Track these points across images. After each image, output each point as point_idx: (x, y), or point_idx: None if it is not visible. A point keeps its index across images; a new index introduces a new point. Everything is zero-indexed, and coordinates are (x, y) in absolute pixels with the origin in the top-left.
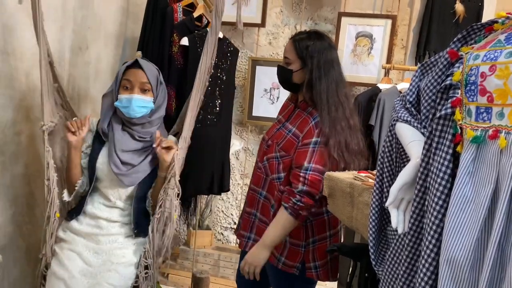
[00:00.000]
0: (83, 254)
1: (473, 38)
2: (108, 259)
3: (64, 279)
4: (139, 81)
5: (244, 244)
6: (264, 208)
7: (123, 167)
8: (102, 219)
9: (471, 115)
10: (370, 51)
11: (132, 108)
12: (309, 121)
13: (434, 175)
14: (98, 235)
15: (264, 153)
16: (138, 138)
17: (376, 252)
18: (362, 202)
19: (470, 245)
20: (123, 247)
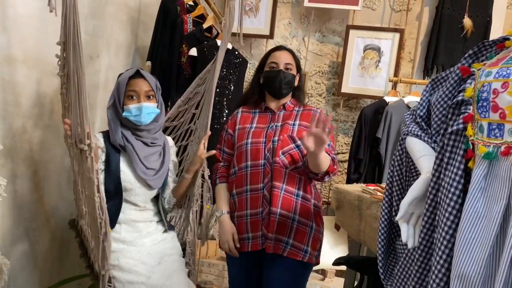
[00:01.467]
0: (141, 259)
1: (484, 54)
2: (163, 255)
3: (144, 282)
4: (144, 89)
5: (282, 248)
6: (287, 203)
7: (149, 172)
8: (138, 222)
9: (483, 131)
10: (378, 64)
11: (143, 115)
12: (312, 112)
13: (445, 190)
14: (142, 238)
15: (279, 147)
16: (150, 144)
17: (385, 265)
18: (371, 215)
19: (482, 261)
20: (166, 242)
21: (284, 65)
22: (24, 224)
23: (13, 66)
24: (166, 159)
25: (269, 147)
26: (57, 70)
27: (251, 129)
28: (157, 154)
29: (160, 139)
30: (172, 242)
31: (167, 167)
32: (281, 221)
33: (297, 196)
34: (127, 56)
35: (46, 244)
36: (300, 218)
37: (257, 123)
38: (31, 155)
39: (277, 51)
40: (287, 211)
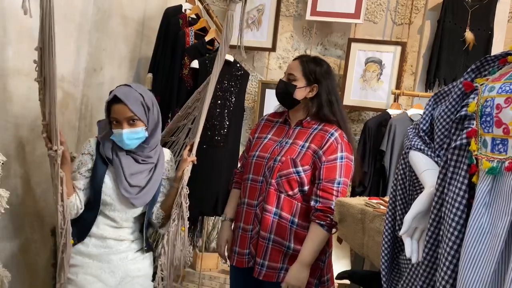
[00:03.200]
0: (100, 276)
1: (487, 69)
2: (126, 275)
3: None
4: (123, 116)
5: (257, 271)
6: (280, 229)
7: (132, 190)
8: (110, 238)
9: (487, 146)
10: (380, 77)
11: (124, 142)
12: (326, 136)
13: (449, 205)
14: (109, 254)
15: (277, 169)
16: (141, 161)
17: (388, 280)
18: (374, 229)
19: (487, 277)
20: (136, 262)
21: (287, 75)
22: (25, 236)
23: (17, 78)
24: (156, 175)
25: (270, 165)
26: (60, 82)
27: (264, 140)
28: (146, 171)
29: (155, 155)
30: (142, 263)
31: (155, 184)
32: (275, 247)
33: (292, 223)
34: (130, 68)
35: (48, 256)
36: (296, 246)
37: (272, 135)
38: (34, 167)
39: (292, 62)
40: (281, 238)
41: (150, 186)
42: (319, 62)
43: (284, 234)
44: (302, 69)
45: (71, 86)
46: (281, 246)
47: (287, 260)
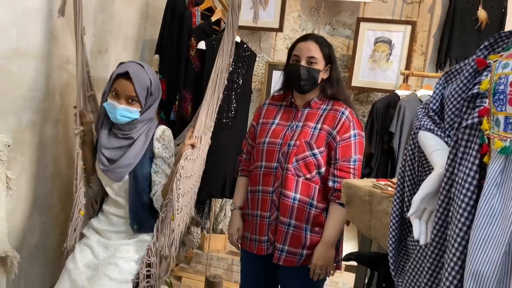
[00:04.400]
0: (94, 248)
1: (501, 46)
2: (113, 254)
3: (69, 270)
4: (126, 93)
5: (277, 257)
6: (299, 213)
7: (108, 164)
8: (112, 215)
9: (499, 125)
10: (389, 57)
11: (115, 116)
12: (338, 115)
13: (459, 186)
14: (110, 232)
15: (293, 154)
16: (120, 136)
17: (395, 262)
18: (381, 211)
19: (497, 259)
20: (130, 243)
21: (306, 59)
22: (34, 218)
23: (23, 60)
24: (133, 150)
25: (284, 151)
26: (65, 64)
27: (272, 125)
28: (125, 147)
29: (136, 132)
30: (135, 245)
31: (133, 160)
32: (295, 232)
33: (310, 206)
34: (135, 50)
35: (57, 238)
36: (314, 229)
37: (279, 119)
38: (41, 149)
39: (301, 42)
40: (300, 221)
41: (125, 161)
42: (326, 41)
43: (303, 218)
44: (321, 51)
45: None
46: (300, 230)
47: (307, 244)
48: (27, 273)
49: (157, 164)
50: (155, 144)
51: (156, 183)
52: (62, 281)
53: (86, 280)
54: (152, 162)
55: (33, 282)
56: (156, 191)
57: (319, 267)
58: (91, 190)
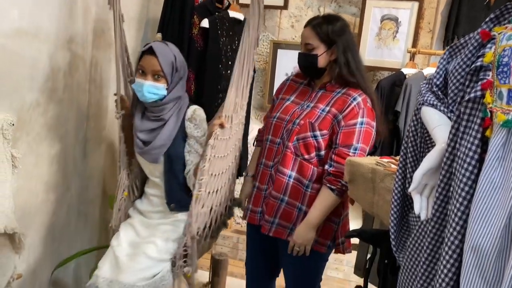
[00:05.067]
0: (136, 227)
1: (507, 18)
2: (153, 233)
3: (113, 247)
4: (151, 68)
5: (268, 228)
6: (294, 191)
7: (141, 145)
8: (152, 196)
9: (502, 98)
10: (395, 35)
11: (143, 93)
12: (349, 100)
13: (461, 160)
14: (151, 212)
15: (295, 132)
16: (152, 118)
17: (397, 238)
18: (384, 188)
19: (497, 232)
20: (168, 223)
21: (304, 46)
22: (41, 196)
23: (25, 40)
24: (165, 132)
25: (288, 128)
26: (69, 43)
27: (287, 101)
28: (158, 129)
29: (167, 113)
30: (173, 224)
31: (166, 140)
32: (287, 208)
33: (306, 187)
34: (138, 29)
35: (63, 216)
36: (307, 209)
37: (295, 97)
38: (46, 129)
39: (304, 29)
40: (295, 200)
41: (159, 142)
42: (330, 21)
43: (298, 197)
44: (316, 35)
45: (80, 47)
46: (293, 208)
47: (299, 220)
48: (36, 251)
49: (190, 144)
50: (187, 124)
51: (189, 162)
52: (106, 256)
53: (126, 257)
54: (185, 142)
55: (41, 259)
56: (189, 171)
57: (298, 245)
58: (133, 172)
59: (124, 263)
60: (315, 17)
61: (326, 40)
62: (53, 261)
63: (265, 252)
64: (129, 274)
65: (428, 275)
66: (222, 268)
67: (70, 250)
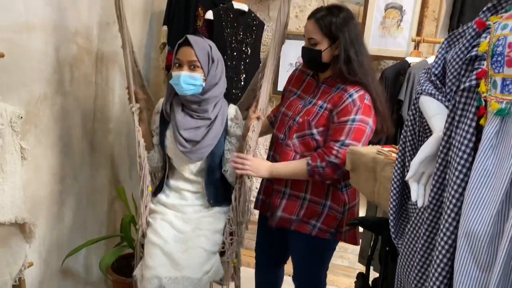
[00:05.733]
0: (174, 223)
1: (504, 7)
2: (197, 227)
3: (160, 245)
4: (187, 58)
5: (274, 220)
6: (296, 183)
7: (187, 145)
8: (185, 190)
9: (497, 87)
10: (400, 24)
11: (180, 85)
12: (344, 97)
13: (456, 149)
14: (184, 206)
15: (294, 130)
16: (196, 117)
17: (396, 225)
18: (385, 177)
19: (490, 218)
20: (209, 216)
21: (308, 40)
22: (49, 187)
23: (32, 33)
24: (213, 131)
25: (290, 125)
26: (74, 37)
27: (293, 96)
28: (203, 127)
29: (213, 111)
30: (214, 217)
31: (213, 140)
32: (290, 199)
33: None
34: (143, 21)
35: (73, 206)
36: (312, 197)
37: (301, 91)
38: (53, 121)
39: (307, 21)
40: (299, 191)
41: (207, 141)
42: (334, 12)
43: (301, 187)
44: (320, 29)
45: (86, 40)
46: (297, 199)
47: (303, 211)
48: (46, 240)
49: (232, 142)
50: (230, 124)
51: (229, 160)
52: (154, 255)
53: (181, 253)
54: (226, 140)
55: (52, 249)
56: (229, 168)
57: (247, 166)
58: (148, 167)
59: (183, 259)
60: (319, 9)
61: (329, 34)
62: (63, 250)
63: (274, 241)
64: (193, 268)
65: (425, 260)
66: None
67: (79, 239)
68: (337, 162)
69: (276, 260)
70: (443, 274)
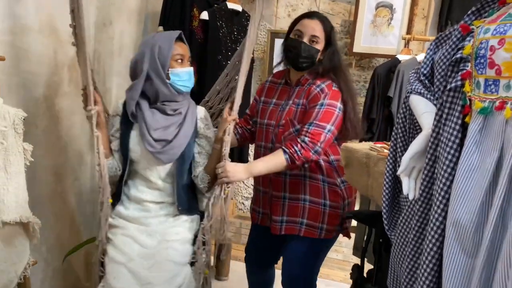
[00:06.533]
0: (137, 238)
1: (487, 10)
2: (163, 239)
3: (124, 263)
4: (187, 55)
5: (278, 228)
6: (294, 186)
7: (157, 145)
8: (148, 202)
9: (480, 87)
10: (390, 22)
11: (191, 81)
12: (313, 89)
13: (444, 145)
14: (148, 218)
15: (280, 133)
16: (170, 112)
17: (389, 218)
18: (378, 172)
19: (475, 209)
20: (175, 226)
21: (309, 37)
22: (50, 187)
23: (31, 36)
24: (184, 130)
25: (275, 132)
26: (71, 38)
27: (270, 106)
28: (175, 125)
29: (184, 107)
30: (182, 226)
31: (184, 139)
32: (291, 204)
33: (304, 177)
34: (139, 22)
35: (73, 205)
36: (312, 198)
37: (276, 99)
38: (53, 122)
39: (306, 19)
40: (297, 193)
41: (178, 141)
42: (330, 22)
43: (299, 190)
44: (324, 31)
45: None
46: (298, 201)
47: (306, 213)
48: (47, 239)
49: (201, 144)
50: (199, 124)
51: (201, 164)
52: (120, 275)
53: (148, 270)
54: (195, 142)
55: (53, 247)
56: (199, 172)
57: (226, 174)
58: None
59: (152, 276)
60: (318, 12)
61: (327, 37)
62: (64, 249)
63: (268, 244)
64: (163, 284)
65: (416, 250)
66: (226, 252)
67: (80, 238)
68: (308, 140)
69: (268, 261)
70: (433, 262)
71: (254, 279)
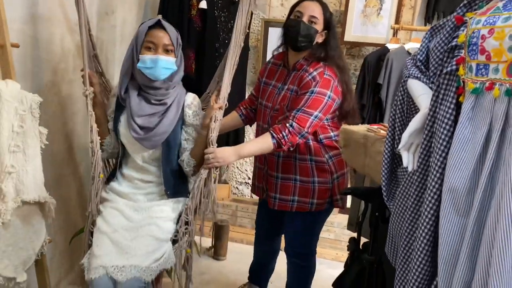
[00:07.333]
0: (124, 212)
1: (477, 3)
2: (148, 215)
3: (108, 233)
4: (162, 42)
5: (272, 203)
6: (286, 167)
7: (141, 132)
8: (137, 179)
9: (472, 70)
10: (380, 12)
11: (158, 69)
12: (305, 76)
13: (440, 121)
14: (137, 194)
15: (275, 117)
16: (153, 101)
17: (388, 190)
18: (375, 151)
19: (467, 175)
20: (161, 204)
21: (308, 17)
22: (57, 171)
23: (39, 24)
24: (168, 118)
25: (271, 115)
26: (76, 26)
27: (270, 86)
28: (159, 113)
29: (170, 97)
30: (167, 205)
31: (169, 127)
32: (283, 183)
33: (294, 159)
34: (140, 10)
35: (78, 188)
36: (302, 178)
37: (275, 81)
38: (60, 108)
39: (307, 1)
40: (288, 173)
41: (161, 129)
42: (328, 7)
43: (290, 170)
44: (322, 12)
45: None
46: (289, 181)
47: (297, 191)
48: (53, 222)
49: (188, 132)
50: (186, 112)
51: (187, 149)
52: (102, 243)
53: (130, 241)
54: (182, 129)
55: (59, 230)
56: (185, 157)
57: (216, 159)
58: (104, 153)
59: (131, 247)
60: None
61: (325, 20)
62: (70, 231)
63: (272, 216)
64: (141, 257)
65: (414, 215)
66: (223, 233)
67: (85, 220)
68: (296, 126)
69: (273, 233)
70: (430, 223)
71: (260, 248)
